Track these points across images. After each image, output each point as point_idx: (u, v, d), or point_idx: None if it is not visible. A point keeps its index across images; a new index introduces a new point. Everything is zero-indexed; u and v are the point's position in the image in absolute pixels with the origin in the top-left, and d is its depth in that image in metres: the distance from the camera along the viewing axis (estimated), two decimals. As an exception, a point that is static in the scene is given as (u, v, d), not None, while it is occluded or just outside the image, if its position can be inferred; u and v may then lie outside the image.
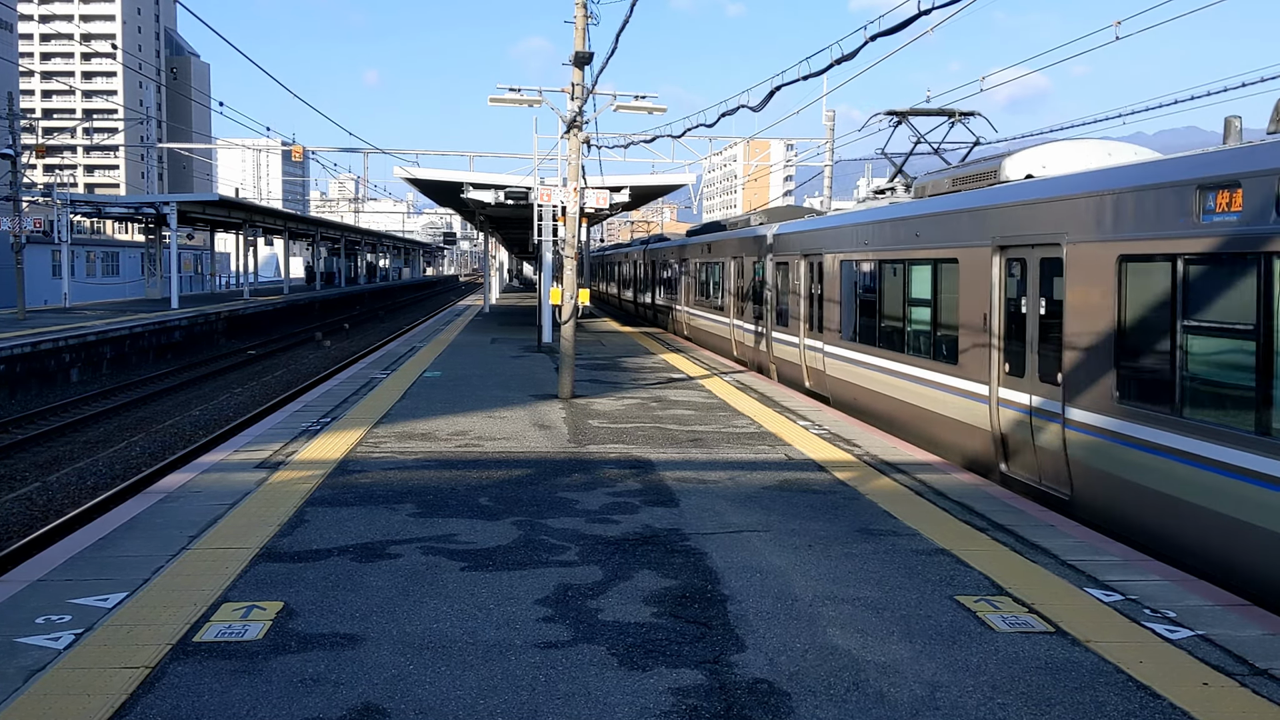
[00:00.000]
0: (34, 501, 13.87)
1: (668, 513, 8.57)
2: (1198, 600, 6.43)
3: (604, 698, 4.96)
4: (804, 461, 10.90)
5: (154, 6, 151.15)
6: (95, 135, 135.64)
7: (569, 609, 6.20)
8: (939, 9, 7.96)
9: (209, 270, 66.18)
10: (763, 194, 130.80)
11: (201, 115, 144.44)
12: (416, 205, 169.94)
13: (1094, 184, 9.13)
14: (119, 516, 8.23)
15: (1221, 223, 7.39)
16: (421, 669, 5.28)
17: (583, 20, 15.62)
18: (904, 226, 13.42)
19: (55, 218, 40.80)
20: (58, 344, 25.38)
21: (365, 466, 10.35)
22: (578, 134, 16.48)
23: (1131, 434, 8.32)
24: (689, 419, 13.78)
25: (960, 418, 11.53)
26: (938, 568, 7.11)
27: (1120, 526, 8.52)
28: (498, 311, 42.82)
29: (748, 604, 6.31)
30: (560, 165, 18.58)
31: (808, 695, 5.00)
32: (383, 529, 7.96)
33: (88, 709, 4.75)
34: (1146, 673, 5.30)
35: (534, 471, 10.23)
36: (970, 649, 5.63)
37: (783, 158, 71.42)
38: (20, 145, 35.04)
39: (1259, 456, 6.95)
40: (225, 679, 5.11)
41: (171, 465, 15.15)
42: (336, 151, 38.46)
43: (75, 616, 5.94)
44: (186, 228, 55.69)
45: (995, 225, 10.82)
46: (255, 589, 6.49)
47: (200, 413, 21.79)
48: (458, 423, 13.23)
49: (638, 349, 25.21)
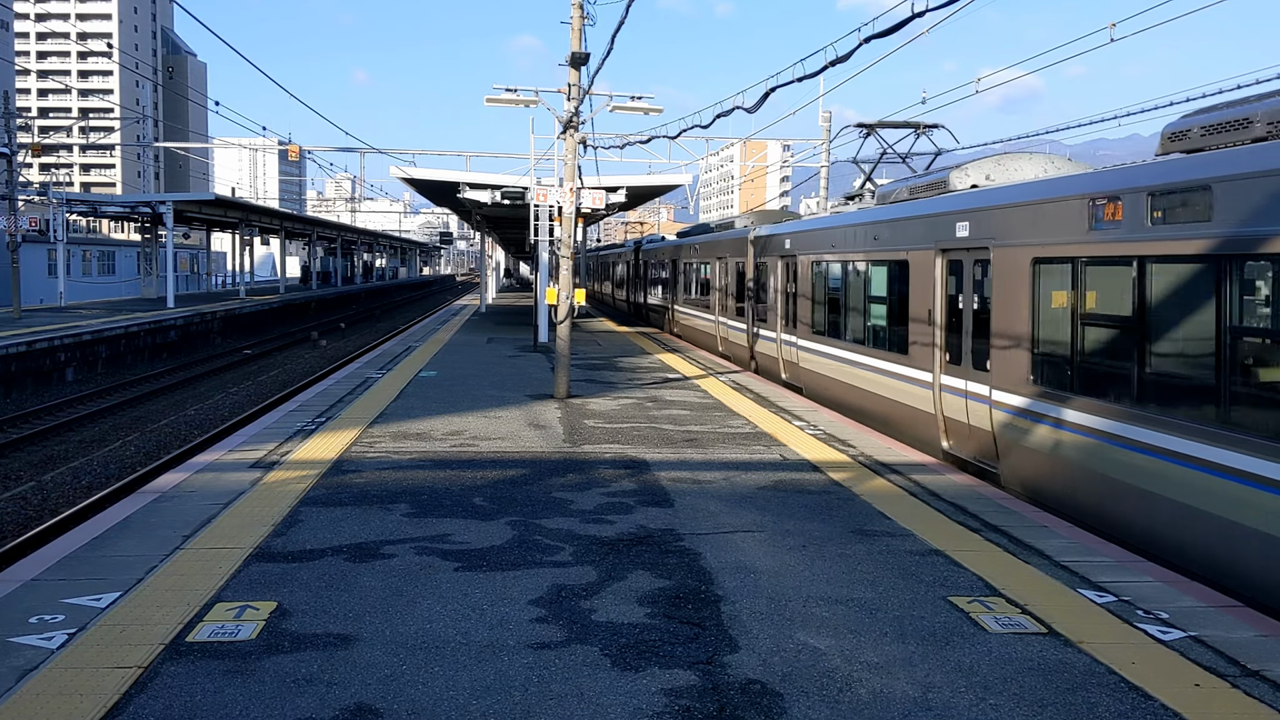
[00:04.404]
0: (28, 501, 13.85)
1: (662, 513, 8.57)
2: (1190, 602, 6.45)
3: (597, 698, 4.96)
4: (799, 462, 10.90)
5: (151, 6, 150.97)
6: (91, 134, 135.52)
7: (563, 609, 6.20)
8: (933, 11, 7.96)
9: (205, 269, 66.05)
10: (759, 194, 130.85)
11: (198, 114, 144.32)
12: (413, 205, 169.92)
13: (1015, 196, 10.48)
14: (113, 516, 8.22)
15: (1108, 231, 8.74)
16: (415, 669, 5.28)
17: (579, 21, 15.62)
18: (864, 231, 14.71)
19: (51, 217, 40.77)
20: (53, 343, 25.34)
21: (360, 466, 10.35)
22: (574, 134, 16.48)
23: (1043, 412, 9.66)
24: (684, 419, 13.79)
25: (911, 403, 12.77)
26: (931, 568, 7.12)
27: (1036, 494, 9.81)
28: (494, 311, 42.80)
29: (741, 604, 6.32)
30: (557, 165, 18.57)
31: (800, 696, 5.01)
32: (377, 529, 7.96)
33: (80, 709, 4.74)
34: (1139, 674, 5.32)
35: (529, 471, 10.23)
36: (963, 650, 5.64)
37: (779, 158, 71.38)
38: (16, 144, 34.98)
39: (1137, 428, 8.25)
40: (218, 679, 5.11)
41: (166, 465, 15.14)
42: (333, 151, 38.39)
43: (68, 616, 5.94)
44: (183, 227, 55.66)
45: (938, 231, 12.08)
46: (248, 589, 6.48)
47: (195, 412, 21.77)
48: (453, 422, 13.23)
49: (633, 349, 25.22)
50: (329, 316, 53.53)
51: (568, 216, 16.32)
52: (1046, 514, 8.79)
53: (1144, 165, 8.70)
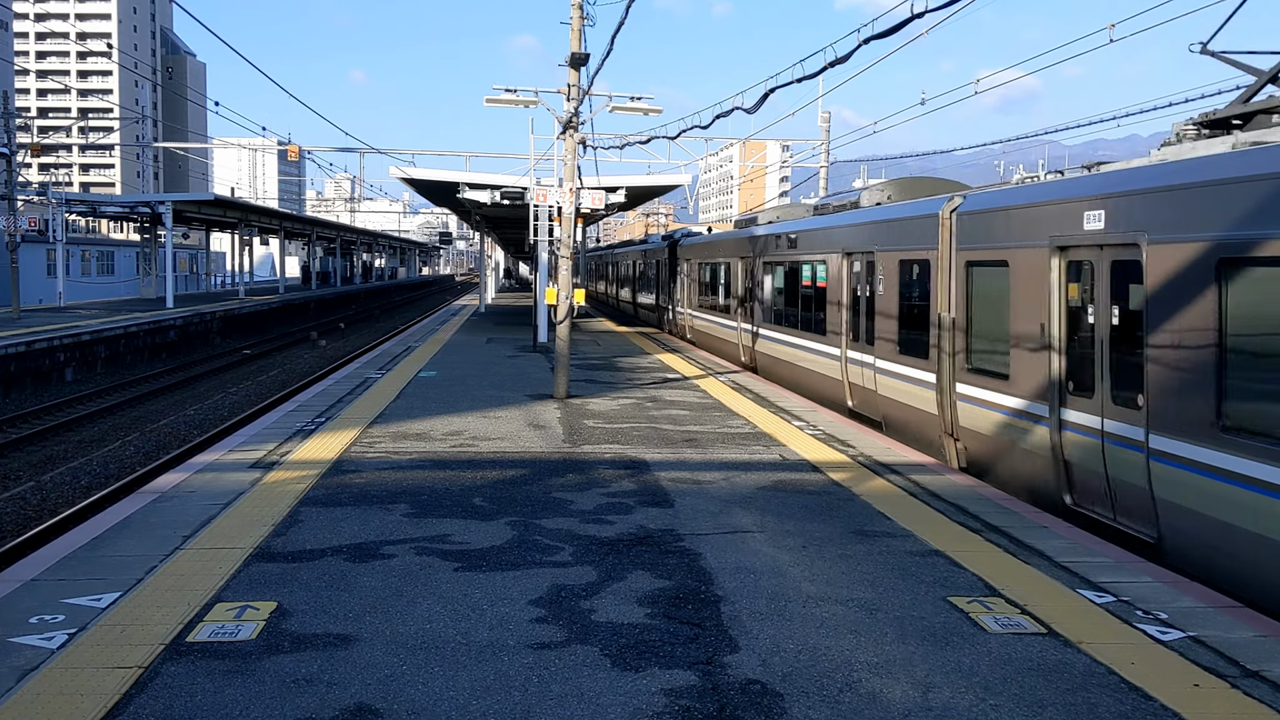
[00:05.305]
0: (28, 501, 13.85)
1: (662, 513, 8.58)
2: (1190, 602, 6.45)
3: (597, 698, 4.96)
4: (799, 462, 10.91)
5: (150, 6, 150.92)
6: (91, 134, 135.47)
7: (562, 609, 6.21)
8: (932, 12, 7.97)
9: (204, 270, 66.02)
10: (759, 194, 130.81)
11: (197, 115, 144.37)
12: (413, 205, 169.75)
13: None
14: (113, 516, 8.22)
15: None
16: (415, 669, 5.29)
17: (579, 21, 15.62)
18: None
19: (50, 217, 40.75)
20: (52, 343, 25.34)
21: (360, 467, 10.35)
22: (574, 135, 16.48)
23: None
24: (684, 419, 13.79)
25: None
26: (931, 569, 7.12)
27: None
28: (494, 311, 42.80)
29: (741, 605, 6.32)
30: (556, 166, 18.57)
31: (800, 696, 5.01)
32: (377, 529, 7.96)
33: (80, 709, 4.75)
34: (1138, 674, 5.32)
35: (528, 472, 10.24)
36: (963, 650, 5.65)
37: (779, 158, 71.26)
38: (15, 144, 34.96)
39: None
40: (218, 679, 5.11)
41: (166, 465, 15.14)
42: (332, 151, 38.40)
43: (68, 616, 5.94)
44: (182, 227, 55.66)
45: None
46: (249, 589, 6.48)
47: (195, 412, 21.77)
48: (452, 423, 13.23)
49: (633, 349, 25.22)
50: (328, 316, 53.53)
51: (567, 217, 16.31)
52: (1046, 514, 8.79)
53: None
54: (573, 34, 15.71)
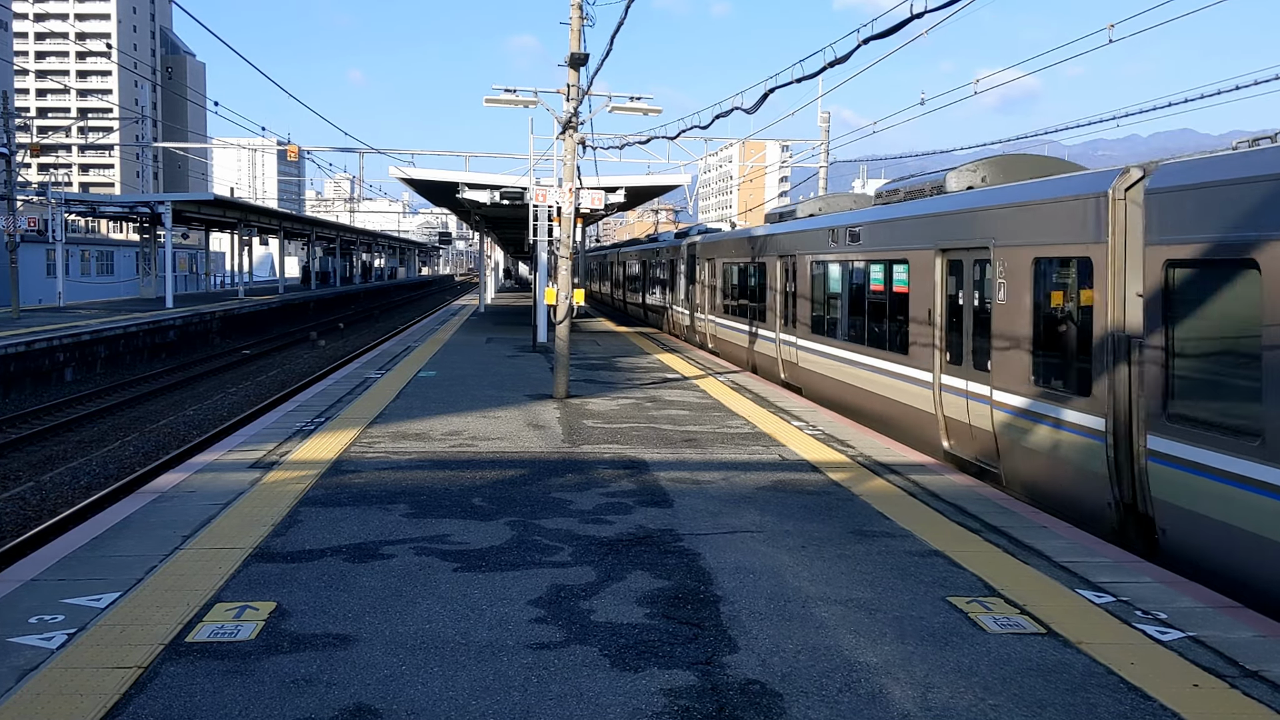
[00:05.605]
0: (28, 501, 13.85)
1: (661, 513, 8.58)
2: (1189, 602, 6.46)
3: (596, 699, 4.97)
4: (798, 462, 10.91)
5: (149, 6, 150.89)
6: (90, 134, 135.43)
7: (562, 610, 6.21)
8: (932, 12, 7.97)
9: (204, 270, 65.99)
10: (758, 195, 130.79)
11: (197, 115, 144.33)
12: (412, 205, 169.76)
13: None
14: (112, 516, 8.22)
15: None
16: (414, 669, 5.29)
17: (578, 22, 15.62)
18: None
19: (50, 217, 40.76)
20: (52, 343, 25.33)
21: (359, 467, 10.35)
22: (573, 135, 16.48)
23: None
24: (683, 419, 13.79)
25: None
26: (931, 569, 7.13)
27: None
28: (493, 311, 42.80)
29: (740, 605, 6.32)
30: (556, 166, 18.58)
31: (800, 696, 5.01)
32: (376, 529, 7.96)
33: (80, 709, 4.75)
34: (1137, 674, 5.32)
35: (528, 472, 10.24)
36: (962, 650, 5.65)
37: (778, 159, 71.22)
38: (15, 144, 34.96)
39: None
40: (218, 679, 5.11)
41: (165, 465, 15.14)
42: (332, 151, 38.43)
43: (68, 616, 5.94)
44: (181, 227, 55.65)
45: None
46: (248, 589, 6.49)
47: (194, 412, 21.76)
48: (452, 423, 13.23)
49: (633, 349, 25.22)
50: (328, 317, 53.51)
51: (566, 217, 16.31)
52: (1045, 515, 8.80)
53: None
54: (572, 34, 15.71)
